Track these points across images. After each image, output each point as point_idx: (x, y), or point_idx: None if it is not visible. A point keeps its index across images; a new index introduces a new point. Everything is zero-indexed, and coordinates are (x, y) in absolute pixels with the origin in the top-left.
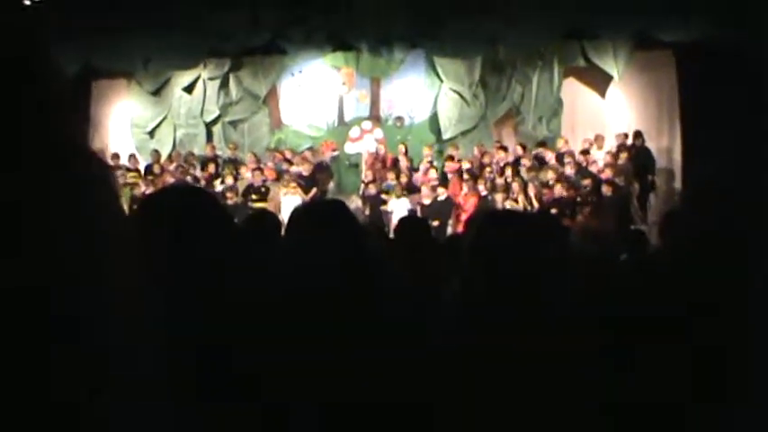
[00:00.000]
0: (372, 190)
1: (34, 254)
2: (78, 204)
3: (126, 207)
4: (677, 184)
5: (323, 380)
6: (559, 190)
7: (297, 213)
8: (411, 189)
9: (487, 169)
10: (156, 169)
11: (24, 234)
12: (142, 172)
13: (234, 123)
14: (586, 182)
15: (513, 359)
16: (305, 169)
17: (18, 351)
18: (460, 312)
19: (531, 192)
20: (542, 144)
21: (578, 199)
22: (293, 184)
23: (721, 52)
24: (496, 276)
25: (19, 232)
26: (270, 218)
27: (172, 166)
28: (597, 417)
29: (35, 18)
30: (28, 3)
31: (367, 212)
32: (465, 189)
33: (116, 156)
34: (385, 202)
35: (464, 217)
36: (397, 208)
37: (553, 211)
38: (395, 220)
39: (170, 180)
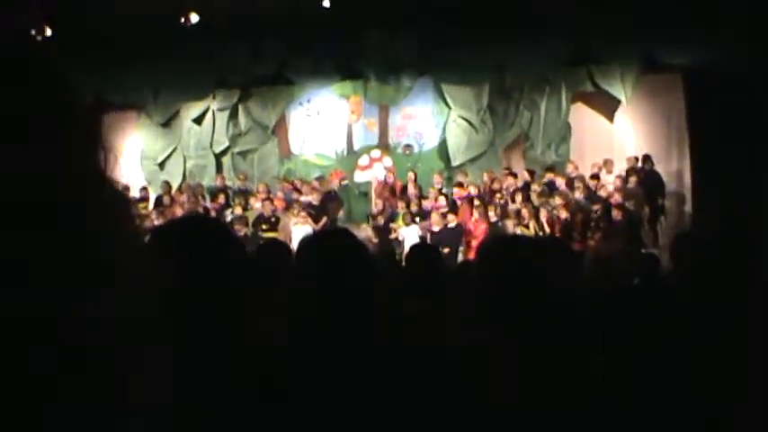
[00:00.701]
0: (381, 221)
1: (41, 269)
2: (85, 222)
3: None
4: (688, 207)
5: (332, 409)
6: (566, 215)
7: (304, 243)
8: (421, 216)
9: (497, 195)
10: (166, 201)
11: (31, 251)
12: (152, 203)
13: (243, 154)
14: (596, 206)
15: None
16: (314, 198)
17: (24, 366)
18: (470, 336)
19: (543, 217)
20: (551, 169)
21: (591, 224)
22: (303, 214)
23: (729, 75)
24: (507, 301)
25: (27, 250)
26: (280, 247)
27: (182, 198)
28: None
29: (51, 51)
30: (39, 39)
31: (375, 240)
32: (475, 216)
33: (126, 188)
34: (393, 230)
35: (475, 244)
36: (408, 235)
37: (564, 236)
38: (407, 248)
39: (180, 211)
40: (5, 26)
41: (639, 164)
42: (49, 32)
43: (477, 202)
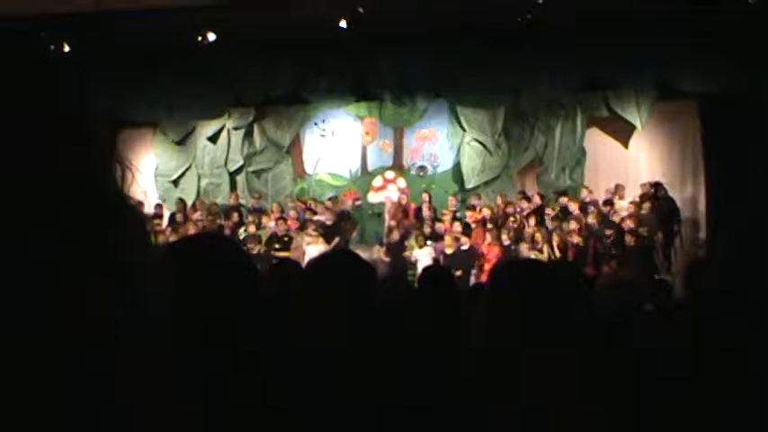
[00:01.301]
0: (396, 235)
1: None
2: (105, 236)
3: None
4: (702, 233)
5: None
6: (578, 240)
7: (309, 266)
8: (434, 238)
9: (511, 219)
10: (180, 218)
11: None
12: (166, 220)
13: (257, 173)
14: (609, 232)
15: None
16: (328, 218)
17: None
18: (482, 360)
19: (555, 242)
20: (564, 194)
21: (604, 250)
22: (316, 234)
23: (744, 102)
24: (517, 323)
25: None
26: (291, 266)
27: (195, 215)
28: None
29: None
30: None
31: (388, 260)
32: (488, 239)
33: (140, 204)
34: (407, 249)
35: (487, 267)
36: (421, 257)
37: (578, 261)
38: (419, 269)
39: (193, 229)
40: (18, 35)
41: (652, 191)
42: (67, 49)
43: (490, 226)
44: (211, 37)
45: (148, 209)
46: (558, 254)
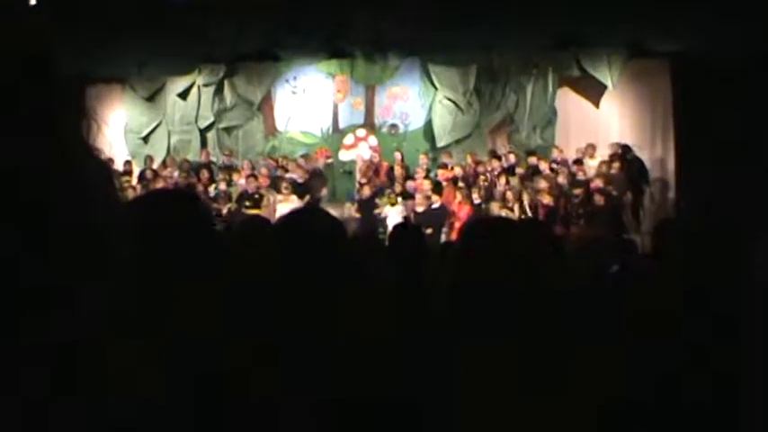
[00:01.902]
0: (367, 193)
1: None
2: (78, 197)
3: None
4: (671, 193)
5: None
6: (548, 199)
7: (278, 223)
8: (405, 196)
9: (481, 178)
10: (149, 175)
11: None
12: (136, 177)
13: (228, 130)
14: (578, 191)
15: (501, 363)
16: (299, 176)
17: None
18: (449, 317)
19: (525, 201)
20: (532, 153)
21: (573, 209)
22: (287, 191)
23: (715, 62)
24: (484, 281)
25: (21, 224)
26: (261, 223)
27: (165, 172)
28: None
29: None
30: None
31: (359, 216)
32: (459, 197)
33: (110, 161)
34: (378, 206)
35: (458, 225)
36: (392, 215)
37: (548, 220)
38: (390, 227)
39: (163, 185)
40: None
41: (620, 151)
42: (33, 2)
43: (461, 184)
44: None
45: (118, 166)
46: (528, 213)
